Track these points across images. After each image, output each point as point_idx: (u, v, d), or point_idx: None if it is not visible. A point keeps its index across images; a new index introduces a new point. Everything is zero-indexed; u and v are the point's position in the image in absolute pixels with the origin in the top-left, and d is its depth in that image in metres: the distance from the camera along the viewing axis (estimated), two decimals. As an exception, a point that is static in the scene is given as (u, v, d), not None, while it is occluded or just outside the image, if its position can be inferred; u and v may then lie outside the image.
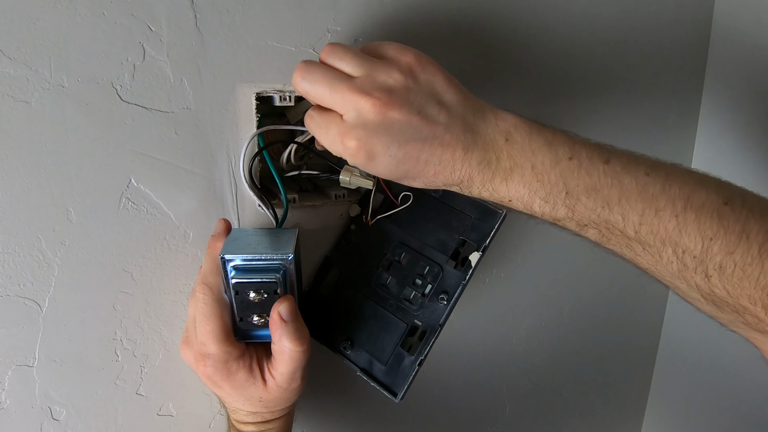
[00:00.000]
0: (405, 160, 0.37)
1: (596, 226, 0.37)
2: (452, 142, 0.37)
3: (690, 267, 0.34)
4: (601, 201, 0.36)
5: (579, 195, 0.36)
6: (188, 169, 0.45)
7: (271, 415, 0.45)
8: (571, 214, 0.37)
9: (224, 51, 0.44)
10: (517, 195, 0.37)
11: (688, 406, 0.84)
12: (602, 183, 0.36)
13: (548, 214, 0.37)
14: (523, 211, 0.39)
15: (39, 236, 0.42)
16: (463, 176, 0.38)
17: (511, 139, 0.37)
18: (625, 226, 0.35)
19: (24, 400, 0.44)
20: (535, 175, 0.37)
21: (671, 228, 0.34)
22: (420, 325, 0.48)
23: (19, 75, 0.39)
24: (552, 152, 0.37)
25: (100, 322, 0.45)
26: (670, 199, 0.34)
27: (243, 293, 0.40)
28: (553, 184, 0.36)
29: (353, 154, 0.38)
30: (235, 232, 0.44)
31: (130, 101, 0.42)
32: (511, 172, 0.37)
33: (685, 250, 0.34)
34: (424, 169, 0.38)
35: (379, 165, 0.38)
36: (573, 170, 0.36)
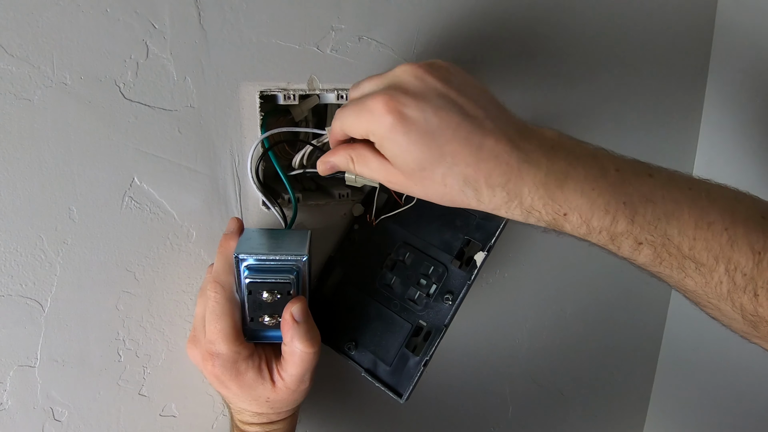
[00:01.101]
0: (441, 128, 0.33)
1: (652, 244, 0.34)
2: (495, 131, 0.34)
3: (740, 286, 0.33)
4: (659, 212, 0.34)
5: (637, 205, 0.34)
6: (191, 167, 0.45)
7: (276, 416, 0.45)
8: (631, 228, 0.34)
9: (228, 49, 0.43)
10: (575, 205, 0.34)
11: (690, 408, 0.83)
12: (655, 194, 0.34)
13: (606, 229, 0.34)
14: (577, 230, 0.35)
15: (41, 235, 0.41)
16: (509, 173, 0.34)
17: (558, 147, 0.35)
18: (680, 241, 0.34)
19: (26, 400, 0.44)
20: (589, 182, 0.34)
21: (724, 242, 0.33)
22: (425, 325, 0.47)
23: (21, 72, 0.38)
24: (599, 164, 0.34)
25: (102, 322, 0.45)
26: (719, 212, 0.34)
27: (256, 293, 0.40)
28: (611, 194, 0.34)
29: (382, 111, 0.34)
30: (247, 231, 0.44)
31: (133, 99, 0.42)
32: (565, 177, 0.34)
33: (737, 267, 0.33)
34: (463, 149, 0.33)
35: (410, 131, 0.33)
36: (624, 181, 0.34)
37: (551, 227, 0.36)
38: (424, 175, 0.35)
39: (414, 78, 0.35)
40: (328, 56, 0.47)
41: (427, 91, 0.34)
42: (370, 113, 0.35)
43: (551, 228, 0.36)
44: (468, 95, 0.35)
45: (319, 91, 0.47)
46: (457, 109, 0.34)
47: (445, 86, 0.35)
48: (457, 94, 0.35)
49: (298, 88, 0.46)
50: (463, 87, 0.35)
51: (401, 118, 0.34)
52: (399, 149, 0.34)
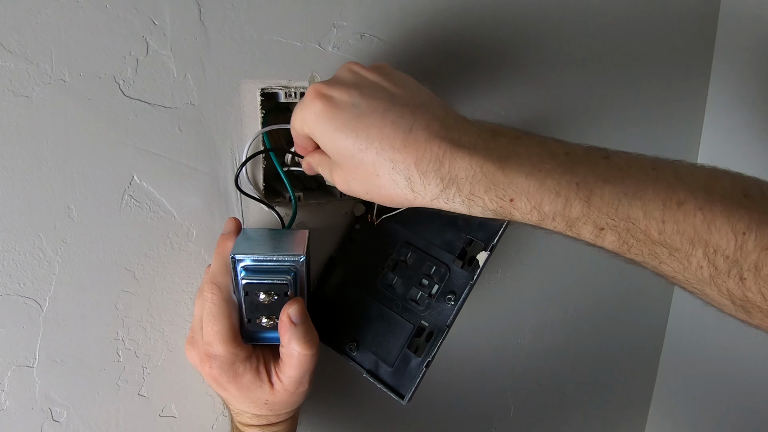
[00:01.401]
0: (368, 112, 0.32)
1: (615, 229, 0.31)
2: (427, 115, 0.32)
3: (723, 270, 0.30)
4: (617, 192, 0.31)
5: (592, 186, 0.31)
6: (192, 166, 0.44)
7: (276, 418, 0.44)
8: (587, 211, 0.31)
9: (229, 46, 0.43)
10: (521, 188, 0.31)
11: (691, 407, 0.83)
12: (611, 175, 0.31)
13: (561, 214, 0.31)
14: (527, 217, 0.32)
15: (39, 234, 0.41)
16: (442, 154, 0.31)
17: (499, 134, 0.33)
18: (647, 225, 0.30)
19: (24, 401, 0.43)
20: (534, 164, 0.31)
21: (698, 223, 0.30)
22: (427, 326, 0.47)
23: (19, 69, 0.38)
24: (546, 149, 0.32)
25: (101, 321, 0.44)
26: (689, 191, 0.30)
27: (253, 294, 0.39)
28: (560, 174, 0.31)
29: (311, 101, 0.34)
30: (245, 231, 0.43)
31: (133, 96, 0.41)
32: (506, 158, 0.31)
33: (716, 250, 0.30)
34: (391, 132, 0.32)
35: (338, 119, 0.33)
36: (574, 163, 0.31)
37: (500, 216, 0.33)
38: (356, 164, 0.34)
39: (349, 72, 0.36)
40: (329, 53, 0.47)
41: (360, 80, 0.35)
42: (302, 104, 0.35)
43: (500, 218, 0.33)
44: (405, 88, 0.35)
45: (320, 88, 0.47)
46: (388, 96, 0.33)
47: (379, 77, 0.35)
48: (391, 85, 0.34)
49: (300, 86, 0.46)
50: (401, 82, 0.35)
51: (329, 102, 0.33)
52: (328, 135, 0.34)
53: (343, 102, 0.33)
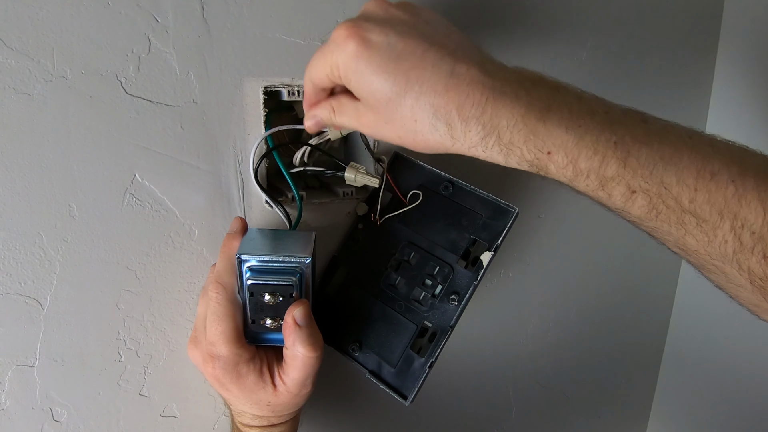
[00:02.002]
0: (406, 53, 0.31)
1: (647, 192, 0.30)
2: (466, 58, 0.31)
3: (747, 246, 0.29)
4: (653, 156, 0.30)
5: (629, 147, 0.30)
6: (194, 164, 0.44)
7: (277, 419, 0.44)
8: (623, 171, 0.30)
9: (231, 43, 0.43)
10: (559, 142, 0.30)
11: (693, 408, 0.83)
12: (651, 138, 0.30)
13: (595, 171, 0.30)
14: (562, 172, 0.31)
15: (40, 233, 0.41)
16: (484, 101, 0.30)
17: (540, 84, 0.32)
18: (680, 192, 0.30)
19: (24, 401, 0.43)
20: (574, 119, 0.30)
21: (730, 195, 0.29)
22: (430, 326, 0.47)
23: (20, 66, 0.38)
24: (585, 105, 0.31)
25: (102, 321, 0.44)
26: (723, 162, 0.29)
27: (258, 295, 0.39)
28: (600, 131, 0.30)
29: (344, 39, 0.31)
30: (251, 231, 0.43)
31: (135, 94, 0.41)
32: (548, 109, 0.30)
33: (744, 224, 0.29)
34: (432, 75, 0.30)
35: (374, 59, 0.31)
36: (614, 121, 0.31)
37: (535, 169, 0.32)
38: (392, 109, 0.32)
39: (379, 8, 0.33)
40: (333, 52, 0.46)
41: (393, 18, 0.32)
42: (333, 44, 0.32)
43: (535, 170, 0.32)
44: (437, 28, 0.33)
45: (323, 87, 0.46)
46: (425, 38, 0.31)
47: (412, 17, 0.33)
48: (425, 24, 0.32)
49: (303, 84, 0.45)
50: (432, 21, 0.33)
51: (364, 42, 0.31)
52: (363, 78, 0.32)
53: (378, 42, 0.31)
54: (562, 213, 0.65)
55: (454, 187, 0.48)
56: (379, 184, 0.46)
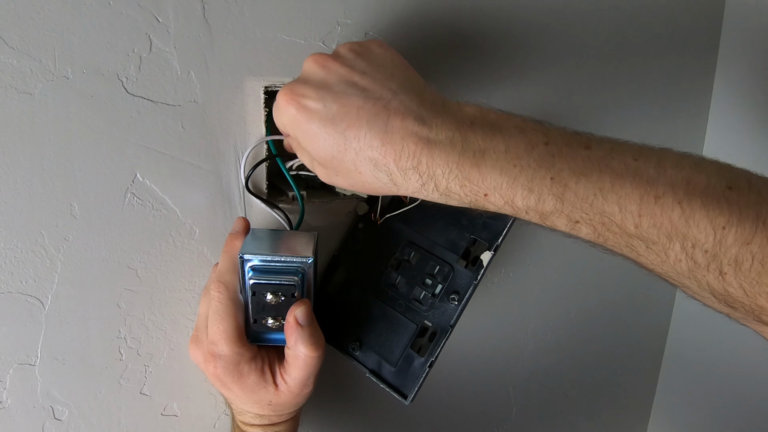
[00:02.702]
0: (342, 115, 0.32)
1: (590, 222, 0.31)
2: (401, 109, 0.32)
3: (702, 264, 0.29)
4: (592, 187, 0.30)
5: (566, 181, 0.30)
6: (195, 164, 0.44)
7: (278, 418, 0.44)
8: (561, 206, 0.31)
9: (232, 43, 0.43)
10: (494, 185, 0.31)
11: (693, 409, 0.83)
12: (589, 168, 0.30)
13: (534, 209, 0.31)
14: (501, 210, 0.32)
15: (42, 232, 0.41)
16: (419, 153, 0.31)
17: (477, 123, 0.32)
18: (623, 219, 0.30)
19: (25, 399, 0.43)
20: (510, 159, 0.31)
21: (676, 218, 0.29)
22: (430, 325, 0.47)
23: (22, 66, 0.38)
24: (526, 138, 0.32)
25: (103, 319, 0.44)
26: (669, 184, 0.29)
27: (260, 294, 0.39)
28: (535, 169, 0.31)
29: (284, 104, 0.34)
30: (254, 231, 0.43)
31: (136, 94, 0.41)
32: (482, 154, 0.31)
33: (695, 245, 0.29)
34: (367, 132, 0.32)
35: (313, 121, 0.33)
36: (553, 155, 0.31)
37: (475, 207, 0.33)
38: (337, 164, 0.34)
39: (316, 67, 0.35)
40: (333, 52, 0.46)
41: (329, 78, 0.34)
42: (277, 108, 0.35)
43: (476, 207, 0.33)
44: (375, 77, 0.34)
45: (324, 87, 0.46)
46: (360, 93, 0.33)
47: (349, 71, 0.34)
48: (361, 77, 0.33)
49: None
50: (370, 69, 0.34)
51: (301, 108, 0.33)
52: (307, 139, 0.34)
53: (314, 107, 0.33)
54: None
55: (455, 186, 0.48)
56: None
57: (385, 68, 0.35)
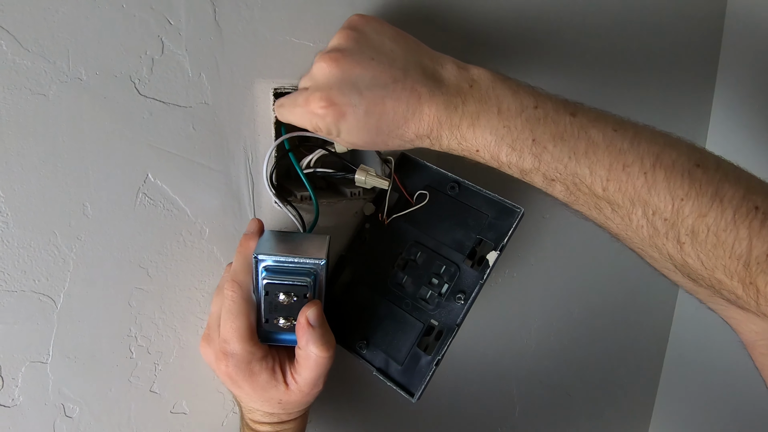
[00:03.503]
0: (371, 110, 0.37)
1: (563, 181, 0.35)
2: (414, 85, 0.37)
3: (661, 231, 0.33)
4: (568, 151, 0.34)
5: (546, 143, 0.35)
6: (205, 164, 0.45)
7: (287, 416, 0.45)
8: (538, 165, 0.35)
9: (243, 46, 0.43)
10: (484, 143, 0.36)
11: (695, 410, 0.84)
12: (569, 133, 0.34)
13: (515, 164, 0.36)
14: (489, 163, 0.37)
15: (55, 231, 0.41)
16: (432, 123, 0.37)
17: (475, 86, 0.37)
18: (592, 182, 0.34)
19: (37, 396, 0.44)
20: (501, 120, 0.36)
21: (639, 185, 0.32)
22: (436, 324, 0.47)
23: (36, 67, 0.38)
24: (517, 100, 0.36)
25: (114, 318, 0.45)
26: (638, 155, 0.33)
27: (273, 294, 0.40)
28: (520, 131, 0.35)
29: (323, 115, 0.38)
30: (267, 233, 0.44)
31: (148, 95, 0.42)
32: (477, 116, 0.36)
33: (655, 211, 0.32)
34: (394, 118, 0.37)
35: (350, 122, 0.37)
36: (539, 118, 0.35)
37: (468, 157, 0.39)
38: (373, 144, 0.40)
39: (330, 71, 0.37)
40: (342, 54, 0.47)
41: (345, 77, 0.37)
42: (312, 116, 0.38)
43: (468, 158, 0.38)
44: (382, 60, 0.37)
45: (332, 89, 0.47)
46: (377, 82, 0.37)
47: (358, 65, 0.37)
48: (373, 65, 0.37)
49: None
50: (375, 52, 0.38)
51: (338, 113, 0.37)
52: (347, 136, 0.39)
53: (346, 107, 0.37)
54: (566, 214, 0.65)
55: (461, 187, 0.49)
56: (388, 185, 0.47)
57: (385, 47, 0.38)
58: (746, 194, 0.30)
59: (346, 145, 0.42)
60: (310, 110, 0.38)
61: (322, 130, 0.39)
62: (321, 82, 0.38)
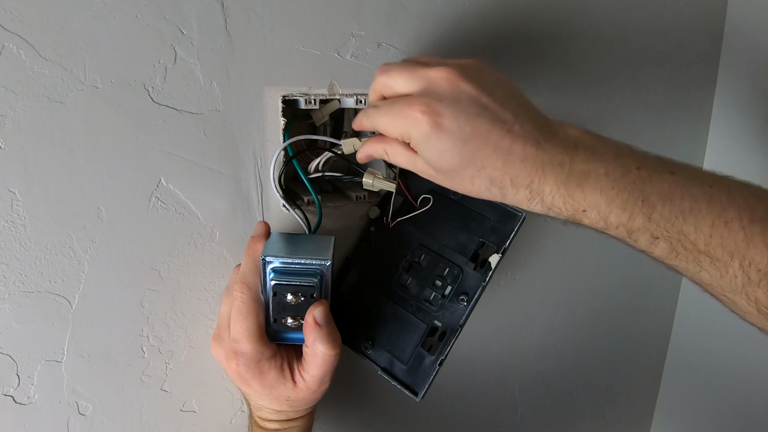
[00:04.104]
0: (473, 136, 0.36)
1: (668, 239, 0.36)
2: (522, 134, 0.36)
3: (754, 281, 0.34)
4: (676, 210, 0.35)
5: (655, 203, 0.35)
6: (216, 169, 0.46)
7: (295, 413, 0.46)
8: (647, 224, 0.36)
9: (252, 54, 0.45)
10: (593, 203, 0.36)
11: (696, 411, 0.84)
12: (674, 192, 0.35)
13: (624, 225, 0.36)
14: (595, 224, 0.37)
15: (70, 234, 0.43)
16: (533, 174, 0.36)
17: (581, 146, 0.37)
18: (696, 238, 0.35)
19: (52, 395, 0.45)
20: (609, 181, 0.36)
21: (740, 240, 0.34)
22: (440, 325, 0.49)
23: (54, 76, 0.40)
24: (621, 163, 0.36)
25: (127, 318, 0.46)
26: (737, 211, 0.35)
27: (281, 295, 0.41)
28: (630, 192, 0.35)
29: (420, 120, 0.36)
30: (274, 235, 0.45)
31: (162, 102, 0.43)
32: (586, 176, 0.36)
33: (751, 263, 0.34)
34: (492, 155, 0.36)
35: (445, 141, 0.36)
36: (644, 179, 0.36)
37: (571, 220, 0.38)
38: (454, 174, 0.38)
39: (448, 84, 0.37)
40: (348, 62, 0.48)
41: (461, 96, 0.36)
42: (407, 119, 0.37)
43: (570, 221, 0.37)
44: (498, 97, 0.37)
45: (339, 95, 0.48)
46: (489, 115, 0.36)
47: (477, 90, 0.36)
48: (488, 98, 0.36)
49: (319, 93, 0.47)
50: (493, 88, 0.37)
51: (437, 126, 0.36)
52: (433, 152, 0.37)
53: (449, 126, 0.36)
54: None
55: (464, 191, 0.50)
56: (395, 188, 0.48)
57: (504, 88, 0.38)
58: None
59: (424, 168, 0.39)
60: (409, 113, 0.36)
61: (411, 139, 0.37)
62: (431, 89, 0.37)
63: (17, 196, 0.40)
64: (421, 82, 0.37)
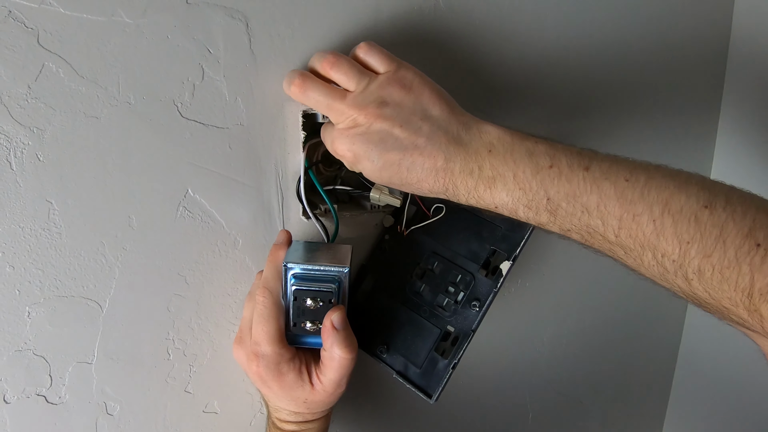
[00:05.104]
0: (386, 166, 0.41)
1: (578, 231, 0.38)
2: (433, 152, 0.40)
3: (670, 271, 0.35)
4: (581, 207, 0.37)
5: (559, 201, 0.37)
6: (240, 180, 0.48)
7: (312, 416, 0.48)
8: (554, 219, 0.38)
9: (275, 72, 0.47)
10: (501, 202, 0.39)
11: (706, 417, 0.84)
12: (581, 189, 0.37)
13: (532, 219, 0.39)
14: (509, 215, 0.40)
15: (103, 241, 0.45)
16: (447, 184, 0.40)
17: (494, 151, 0.39)
18: (605, 231, 0.37)
19: (82, 395, 0.47)
20: (516, 183, 0.38)
21: (649, 232, 0.35)
22: (453, 330, 0.50)
23: (90, 93, 0.42)
24: (533, 162, 0.38)
25: (154, 322, 0.48)
26: (648, 204, 0.35)
27: (301, 300, 0.43)
28: (535, 192, 0.38)
29: (342, 156, 0.43)
30: (295, 243, 0.48)
31: (190, 118, 0.45)
32: (493, 180, 0.39)
33: (663, 254, 0.35)
34: (408, 175, 0.41)
35: (365, 169, 0.42)
36: (553, 178, 0.37)
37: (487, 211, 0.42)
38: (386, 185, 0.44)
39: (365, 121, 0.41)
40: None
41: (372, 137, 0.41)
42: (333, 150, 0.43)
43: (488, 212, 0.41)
44: (412, 125, 0.40)
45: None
46: (399, 145, 0.40)
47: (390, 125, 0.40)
48: (401, 129, 0.40)
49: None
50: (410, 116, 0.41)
51: (356, 162, 0.42)
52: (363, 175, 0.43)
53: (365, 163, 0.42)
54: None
55: (476, 201, 0.52)
56: (400, 204, 0.50)
57: (420, 110, 0.41)
58: (750, 232, 0.32)
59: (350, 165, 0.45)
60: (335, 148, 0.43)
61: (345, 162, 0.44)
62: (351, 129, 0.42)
63: (54, 205, 0.43)
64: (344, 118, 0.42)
